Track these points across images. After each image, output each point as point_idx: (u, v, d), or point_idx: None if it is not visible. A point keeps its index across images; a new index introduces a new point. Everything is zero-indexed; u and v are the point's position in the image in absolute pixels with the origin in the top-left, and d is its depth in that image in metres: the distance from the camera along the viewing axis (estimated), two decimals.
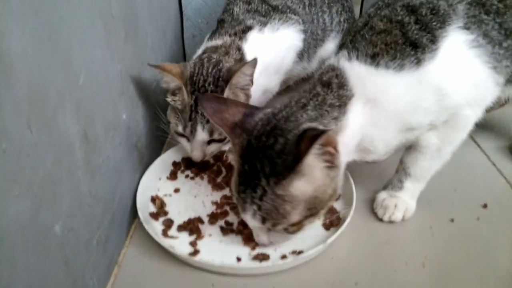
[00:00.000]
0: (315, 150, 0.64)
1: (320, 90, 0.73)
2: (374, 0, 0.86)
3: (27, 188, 0.51)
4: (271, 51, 1.07)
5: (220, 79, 0.92)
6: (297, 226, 0.70)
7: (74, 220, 0.63)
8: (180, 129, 0.92)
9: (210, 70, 0.93)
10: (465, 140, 0.83)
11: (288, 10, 1.11)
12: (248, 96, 0.96)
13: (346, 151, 0.73)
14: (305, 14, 1.16)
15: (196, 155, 0.94)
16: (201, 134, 0.91)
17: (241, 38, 1.01)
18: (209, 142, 0.94)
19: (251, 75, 0.92)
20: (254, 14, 1.08)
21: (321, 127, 0.68)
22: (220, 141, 0.95)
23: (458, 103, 0.75)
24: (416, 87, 0.71)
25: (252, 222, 0.71)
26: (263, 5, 1.09)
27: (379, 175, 0.97)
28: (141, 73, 0.94)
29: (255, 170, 0.67)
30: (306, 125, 0.68)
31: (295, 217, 0.68)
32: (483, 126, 1.14)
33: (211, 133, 0.91)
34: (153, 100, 1.01)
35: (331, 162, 0.68)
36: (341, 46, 0.80)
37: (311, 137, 0.62)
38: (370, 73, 0.72)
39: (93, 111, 0.70)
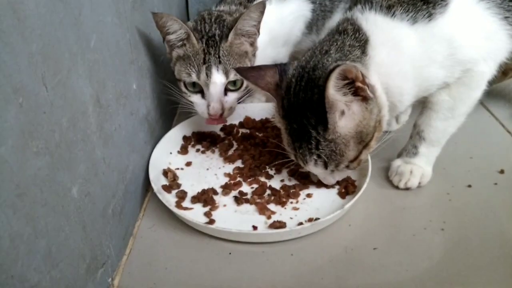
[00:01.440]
0: (333, 83, 0.65)
1: (338, 37, 0.75)
2: None
3: (45, 145, 0.49)
4: (279, 21, 1.05)
5: (225, 26, 0.91)
6: (357, 161, 0.75)
7: (90, 185, 0.62)
8: (194, 77, 0.89)
9: (213, 20, 0.92)
10: (478, 108, 0.82)
11: None
12: (254, 46, 0.94)
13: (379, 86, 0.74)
14: None
15: (215, 107, 0.90)
16: (217, 76, 0.89)
17: (246, 7, 0.99)
18: (225, 92, 0.91)
19: (257, 21, 0.90)
20: None
21: (345, 62, 0.70)
22: (236, 89, 0.93)
23: (471, 57, 0.75)
24: (429, 40, 0.73)
25: (316, 169, 0.76)
26: None
27: (393, 144, 0.95)
28: (149, 44, 0.92)
29: (303, 125, 0.71)
30: (333, 65, 0.69)
31: (351, 153, 0.73)
32: (496, 95, 1.13)
33: (226, 74, 0.89)
34: (161, 74, 0.99)
35: (363, 95, 0.69)
36: (353, 1, 0.80)
37: (329, 71, 0.64)
38: (386, 22, 0.73)
39: (105, 76, 0.68)
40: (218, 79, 0.89)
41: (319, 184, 0.86)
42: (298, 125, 0.72)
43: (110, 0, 0.72)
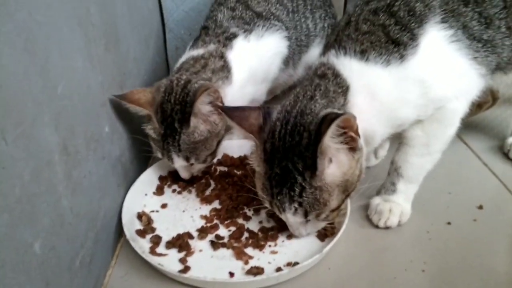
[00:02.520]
0: (332, 131, 0.65)
1: (319, 81, 0.75)
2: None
3: (4, 202, 0.47)
4: (257, 59, 1.05)
5: (187, 104, 0.86)
6: (336, 211, 0.74)
7: (55, 238, 0.59)
8: (159, 155, 0.91)
9: (178, 95, 0.87)
10: (455, 142, 0.83)
11: (272, 17, 1.10)
12: (223, 120, 0.90)
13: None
14: (289, 20, 1.15)
15: (184, 175, 0.94)
16: (178, 161, 0.90)
17: (225, 46, 0.99)
18: (192, 164, 0.92)
19: (213, 100, 0.88)
20: (239, 21, 1.06)
21: (336, 111, 0.70)
22: (201, 163, 0.93)
23: (443, 95, 0.76)
24: (402, 80, 0.74)
25: (294, 219, 0.74)
26: (247, 12, 1.08)
27: (372, 181, 0.95)
28: (123, 85, 0.91)
29: (287, 170, 0.69)
30: (323, 112, 0.70)
31: (333, 202, 0.71)
32: (472, 127, 1.15)
33: (187, 159, 0.89)
34: (136, 114, 0.97)
35: (353, 145, 0.69)
36: (327, 46, 0.81)
37: (330, 119, 0.64)
38: (361, 66, 0.74)
39: (74, 122, 0.66)
40: (179, 163, 0.90)
41: None
42: (281, 170, 0.70)
43: (81, 44, 0.71)
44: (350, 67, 0.75)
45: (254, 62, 1.04)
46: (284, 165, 0.69)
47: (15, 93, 0.51)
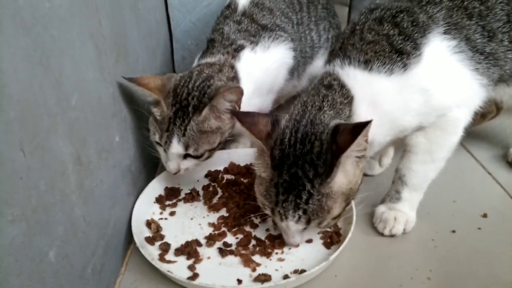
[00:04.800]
0: (358, 140, 0.66)
1: (326, 92, 0.77)
2: None
3: (21, 212, 0.49)
4: (264, 70, 1.07)
5: (206, 95, 0.89)
6: (336, 219, 0.76)
7: (69, 246, 0.60)
8: (157, 137, 0.90)
9: (198, 83, 0.91)
10: (459, 151, 0.84)
11: (277, 29, 1.12)
12: (232, 120, 0.93)
13: None
14: (294, 32, 1.17)
15: (171, 166, 0.91)
16: (176, 147, 0.88)
17: (234, 57, 1.01)
18: (185, 156, 0.91)
19: (236, 101, 0.90)
20: (245, 33, 1.08)
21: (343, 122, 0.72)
22: (196, 157, 0.92)
23: (445, 104, 0.78)
24: (405, 89, 0.76)
25: (296, 226, 0.74)
26: (253, 25, 1.10)
27: (376, 189, 0.96)
28: (133, 94, 0.93)
29: (296, 177, 0.70)
30: (333, 123, 0.71)
31: (336, 210, 0.73)
32: (476, 137, 1.16)
33: (186, 147, 0.89)
34: (145, 122, 0.99)
35: (363, 153, 0.71)
36: (332, 54, 0.83)
37: (352, 129, 0.66)
38: (365, 76, 0.76)
39: (86, 133, 0.68)
40: (175, 150, 0.89)
41: None
42: (290, 177, 0.71)
43: (92, 56, 0.73)
44: (354, 77, 0.77)
45: (260, 73, 1.06)
46: (294, 172, 0.70)
47: (32, 106, 0.52)
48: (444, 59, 0.76)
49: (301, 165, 0.70)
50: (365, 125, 0.66)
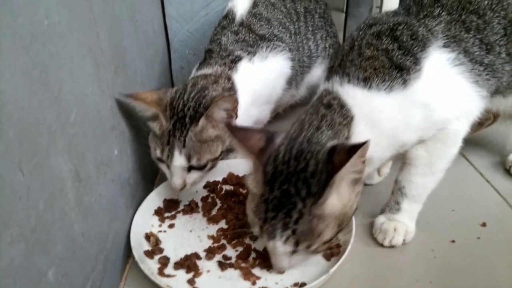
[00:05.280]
0: (353, 161, 0.64)
1: (325, 112, 0.75)
2: (356, 25, 0.89)
3: (20, 233, 0.48)
4: (262, 80, 1.07)
5: (201, 105, 0.89)
6: (327, 244, 0.71)
7: (68, 264, 0.60)
8: (158, 153, 0.90)
9: (193, 94, 0.91)
10: (457, 159, 0.84)
11: (275, 39, 1.12)
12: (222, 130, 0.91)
13: None
14: (291, 42, 1.17)
15: (176, 182, 0.90)
16: (179, 159, 0.88)
17: (231, 68, 1.01)
18: (189, 169, 0.91)
19: (231, 109, 0.90)
20: (242, 44, 1.08)
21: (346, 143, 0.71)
22: (200, 168, 0.91)
23: (445, 118, 0.78)
24: (406, 105, 0.75)
25: (283, 248, 0.70)
26: (251, 35, 1.10)
27: (375, 198, 0.97)
28: (131, 108, 0.92)
29: (288, 195, 0.68)
30: (330, 143, 0.70)
31: (327, 234, 0.69)
32: (474, 144, 1.16)
33: (188, 158, 0.88)
34: (144, 134, 0.99)
35: (360, 176, 0.69)
36: (331, 71, 0.82)
37: (349, 149, 0.64)
38: (365, 95, 0.75)
39: (85, 148, 0.68)
40: (178, 162, 0.88)
41: None
42: (281, 194, 0.68)
43: (91, 70, 0.73)
44: (354, 96, 0.75)
45: (258, 84, 1.06)
46: (286, 189, 0.68)
47: (31, 125, 0.52)
48: (444, 72, 0.76)
49: (294, 182, 0.67)
50: (361, 145, 0.63)
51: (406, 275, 0.81)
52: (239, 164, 1.08)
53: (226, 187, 1.05)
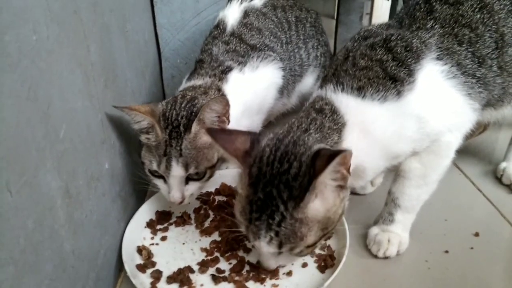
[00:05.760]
0: (332, 167, 0.64)
1: (315, 116, 0.75)
2: (347, 34, 0.89)
3: (9, 255, 0.47)
4: (253, 91, 1.06)
5: (193, 113, 0.88)
6: (311, 248, 0.71)
7: (58, 284, 0.59)
8: (154, 166, 0.88)
9: (184, 105, 0.90)
10: (449, 168, 0.84)
11: (266, 48, 1.12)
12: None
13: None
14: (283, 52, 1.17)
15: (175, 195, 0.88)
16: (176, 169, 0.87)
17: (221, 79, 1.01)
18: (187, 181, 0.90)
19: (221, 113, 0.89)
20: (233, 54, 1.07)
21: (330, 148, 0.70)
22: (198, 179, 0.90)
23: (438, 130, 0.78)
24: (399, 116, 0.75)
25: (267, 248, 0.70)
26: (242, 45, 1.09)
27: (368, 208, 0.97)
28: (122, 119, 0.92)
29: (271, 197, 0.67)
30: (317, 146, 0.69)
31: (311, 238, 0.69)
32: (465, 153, 1.17)
33: (186, 167, 0.87)
34: (135, 146, 0.98)
35: (342, 183, 0.69)
36: (325, 79, 0.82)
37: (329, 155, 0.63)
38: (358, 103, 0.75)
39: (75, 163, 0.67)
40: (176, 172, 0.87)
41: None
42: (264, 196, 0.68)
43: (81, 84, 0.72)
44: (347, 104, 0.76)
45: (249, 94, 1.05)
46: (269, 191, 0.67)
47: (19, 144, 0.51)
48: (438, 84, 0.76)
49: (276, 184, 0.67)
50: (341, 152, 0.63)
51: (401, 286, 0.80)
52: (232, 174, 1.07)
53: (219, 198, 1.04)
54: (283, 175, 0.67)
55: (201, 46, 1.14)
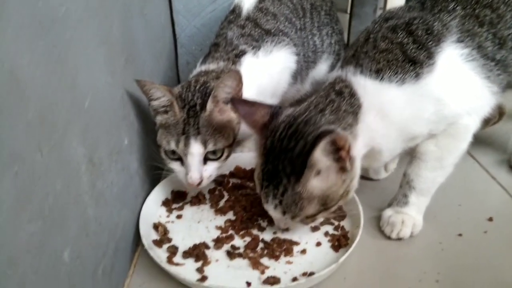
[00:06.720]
0: (322, 146, 0.68)
1: (334, 97, 0.77)
2: (360, 27, 0.89)
3: (39, 211, 0.49)
4: (267, 74, 1.07)
5: (207, 94, 0.90)
6: (312, 218, 0.78)
7: (81, 247, 0.60)
8: (172, 145, 0.88)
9: (197, 87, 0.92)
10: (464, 157, 0.84)
11: (280, 33, 1.13)
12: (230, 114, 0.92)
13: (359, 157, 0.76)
14: (297, 38, 1.18)
15: (193, 176, 0.88)
16: (195, 146, 0.87)
17: (234, 63, 1.02)
18: (205, 161, 0.91)
19: (235, 89, 0.90)
20: (248, 38, 1.09)
21: (339, 129, 0.72)
22: (216, 158, 0.91)
23: (456, 113, 0.78)
24: (417, 98, 0.76)
25: (274, 213, 0.78)
26: (256, 29, 1.10)
27: (382, 193, 0.97)
28: (140, 100, 0.93)
29: (277, 170, 0.73)
30: (324, 127, 0.72)
31: (310, 210, 0.74)
32: (480, 142, 1.17)
33: (205, 143, 0.87)
34: (151, 128, 0.99)
35: (342, 165, 0.72)
36: (345, 60, 0.83)
37: (318, 135, 0.68)
38: (376, 86, 0.76)
39: (98, 135, 0.69)
40: (195, 149, 0.87)
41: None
42: (272, 168, 0.74)
43: (104, 60, 0.74)
44: (365, 86, 0.77)
45: (263, 78, 1.06)
46: (276, 164, 0.73)
47: (49, 106, 0.53)
48: (457, 67, 0.76)
49: (282, 159, 0.73)
50: (328, 133, 0.67)
51: (414, 267, 0.81)
52: (246, 158, 1.08)
53: (233, 180, 1.05)
54: (289, 152, 0.72)
55: (217, 31, 1.15)
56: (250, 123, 0.77)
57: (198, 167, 0.89)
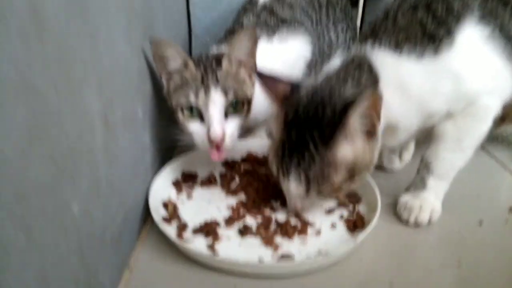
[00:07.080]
0: (361, 109, 0.67)
1: (353, 71, 0.76)
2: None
3: (51, 152, 0.47)
4: (281, 60, 1.06)
5: (220, 59, 0.89)
6: (337, 191, 0.75)
7: (91, 205, 0.58)
8: (192, 97, 0.85)
9: (210, 57, 0.91)
10: (480, 153, 0.82)
11: (297, 23, 1.12)
12: (252, 81, 0.92)
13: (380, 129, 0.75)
14: (312, 30, 1.17)
15: (216, 129, 0.84)
16: (216, 94, 0.84)
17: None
18: (226, 116, 0.87)
19: (250, 48, 0.89)
20: (263, 25, 1.08)
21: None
22: (237, 112, 0.88)
23: (475, 91, 0.76)
24: (435, 73, 0.75)
25: (295, 188, 0.75)
26: (272, 17, 1.10)
27: (400, 180, 0.95)
28: (155, 73, 0.92)
29: (303, 139, 0.71)
30: (351, 96, 0.71)
31: (337, 179, 0.72)
32: (497, 140, 1.15)
33: (225, 92, 0.85)
34: (164, 104, 0.98)
35: (372, 129, 0.71)
36: (362, 37, 0.83)
37: (359, 96, 0.66)
38: (394, 60, 0.75)
39: (114, 95, 0.67)
40: (217, 97, 0.85)
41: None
42: (297, 138, 0.72)
43: (124, 26, 0.73)
44: (383, 60, 0.76)
45: (277, 64, 1.04)
46: (302, 134, 0.72)
47: (68, 49, 0.51)
48: (477, 46, 0.75)
49: (309, 127, 0.71)
50: (369, 93, 0.67)
51: (434, 253, 0.78)
52: (258, 144, 1.07)
53: (245, 166, 1.03)
54: (317, 119, 0.71)
55: (234, 18, 1.15)
56: (271, 93, 0.78)
57: (220, 119, 0.86)
